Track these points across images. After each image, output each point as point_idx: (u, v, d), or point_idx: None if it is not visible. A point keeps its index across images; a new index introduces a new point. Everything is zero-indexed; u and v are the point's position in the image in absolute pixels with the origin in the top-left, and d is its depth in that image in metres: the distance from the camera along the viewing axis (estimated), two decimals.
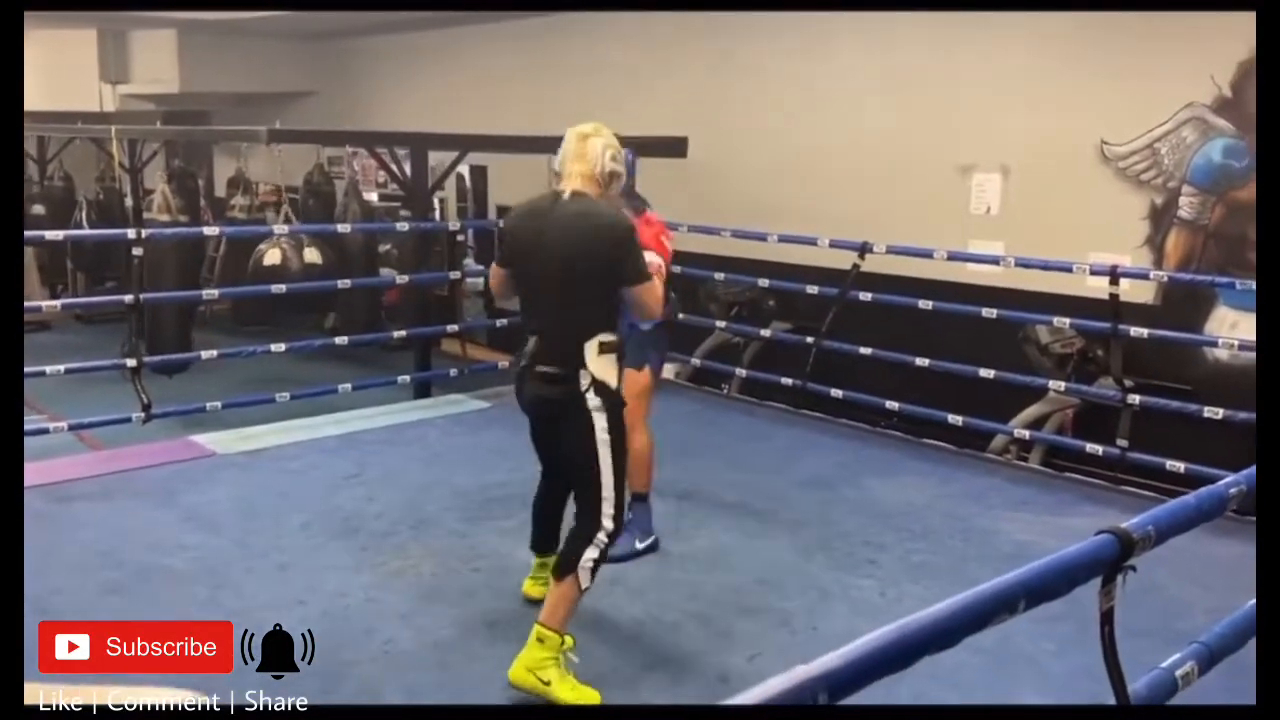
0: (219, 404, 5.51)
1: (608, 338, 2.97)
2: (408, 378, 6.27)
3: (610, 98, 8.20)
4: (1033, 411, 5.61)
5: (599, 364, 2.95)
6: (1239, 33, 5.26)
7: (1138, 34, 5.56)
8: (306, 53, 11.09)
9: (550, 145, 6.80)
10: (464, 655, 3.25)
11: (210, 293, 6.07)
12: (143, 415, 5.18)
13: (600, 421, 2.95)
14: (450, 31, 9.56)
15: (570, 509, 3.14)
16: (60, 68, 11.33)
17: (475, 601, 3.58)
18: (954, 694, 3.11)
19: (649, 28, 7.97)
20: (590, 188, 3.01)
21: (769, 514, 4.50)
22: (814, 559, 4.06)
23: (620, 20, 8.13)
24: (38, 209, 9.41)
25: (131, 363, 5.24)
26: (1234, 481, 1.71)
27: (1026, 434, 5.40)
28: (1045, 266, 5.28)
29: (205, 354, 5.57)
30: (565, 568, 2.97)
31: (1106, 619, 1.41)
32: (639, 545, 3.94)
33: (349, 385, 5.84)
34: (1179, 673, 1.60)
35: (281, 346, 5.90)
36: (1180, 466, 4.65)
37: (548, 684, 2.91)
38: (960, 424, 5.36)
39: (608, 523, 2.96)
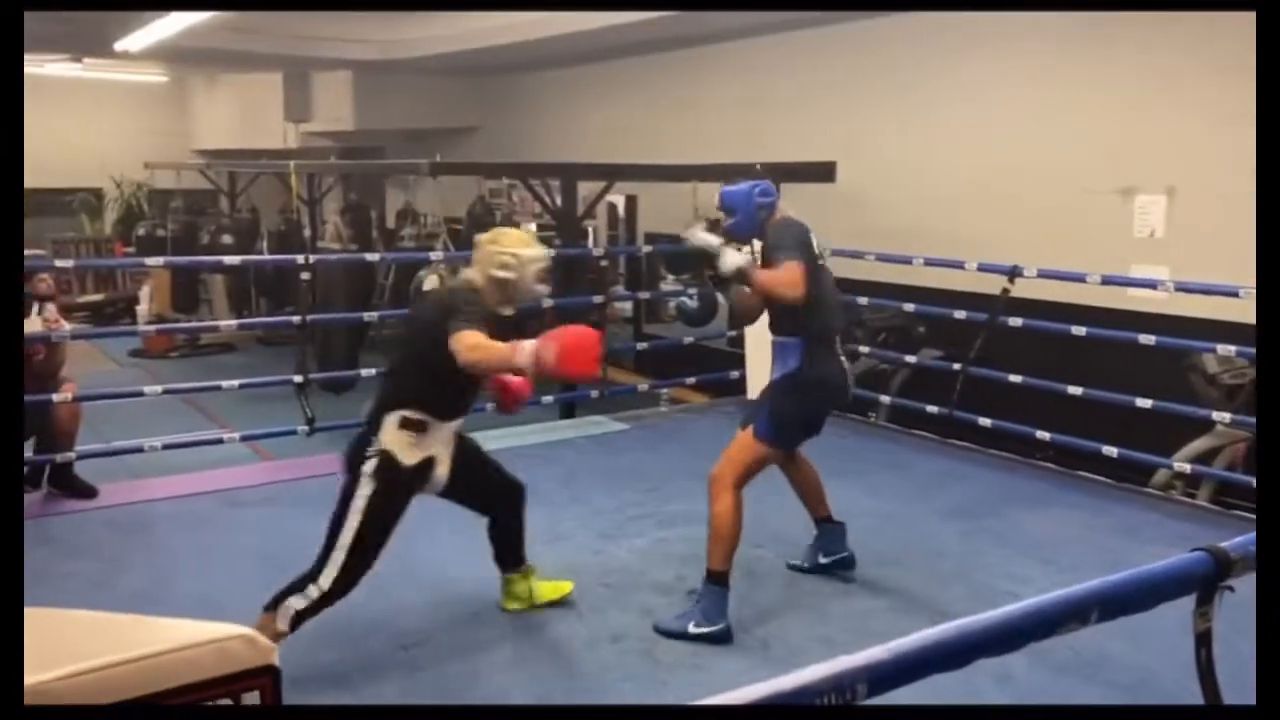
0: None
1: (411, 414, 3.08)
2: (552, 398, 6.45)
3: (759, 125, 8.27)
4: (1199, 445, 5.27)
5: (393, 435, 3.06)
6: None
7: None
8: (470, 88, 11.62)
9: (693, 174, 6.94)
10: (590, 660, 3.33)
11: (370, 315, 6.43)
12: (307, 428, 5.53)
13: (365, 489, 3.03)
14: (607, 65, 9.84)
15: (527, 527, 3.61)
16: (251, 109, 12.35)
17: (599, 615, 3.67)
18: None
19: (796, 55, 8.00)
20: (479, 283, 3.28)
21: (905, 543, 4.40)
22: (950, 589, 3.95)
23: (767, 47, 8.20)
24: (226, 238, 10.19)
25: (298, 379, 5.60)
26: None
27: (1188, 468, 5.08)
28: (1208, 291, 4.97)
29: (365, 372, 5.88)
30: (274, 602, 3.01)
31: (1202, 640, 1.34)
32: (692, 628, 3.41)
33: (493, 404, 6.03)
34: None
35: None
36: None
37: None
38: (1115, 455, 5.09)
39: (325, 583, 2.99)
